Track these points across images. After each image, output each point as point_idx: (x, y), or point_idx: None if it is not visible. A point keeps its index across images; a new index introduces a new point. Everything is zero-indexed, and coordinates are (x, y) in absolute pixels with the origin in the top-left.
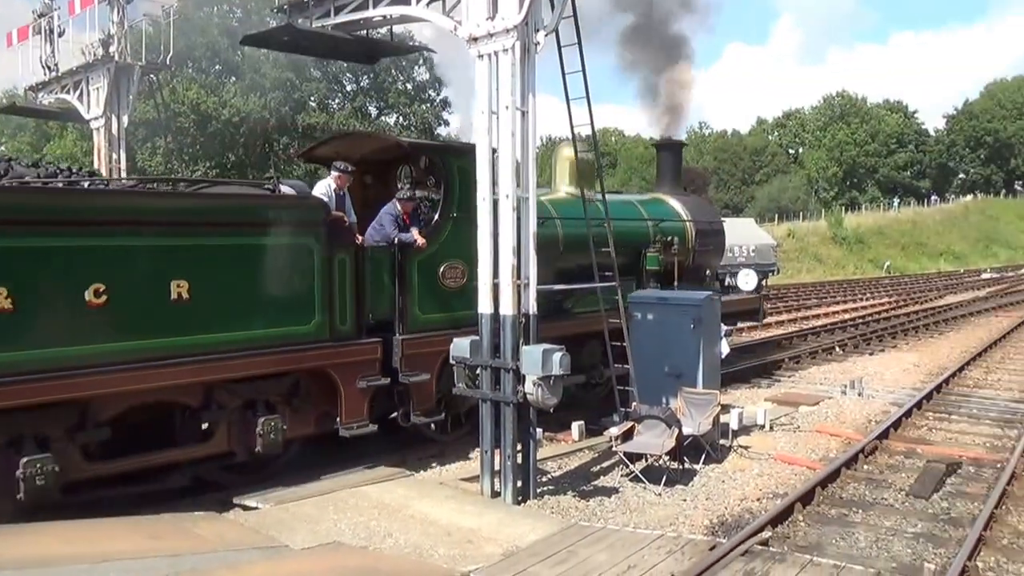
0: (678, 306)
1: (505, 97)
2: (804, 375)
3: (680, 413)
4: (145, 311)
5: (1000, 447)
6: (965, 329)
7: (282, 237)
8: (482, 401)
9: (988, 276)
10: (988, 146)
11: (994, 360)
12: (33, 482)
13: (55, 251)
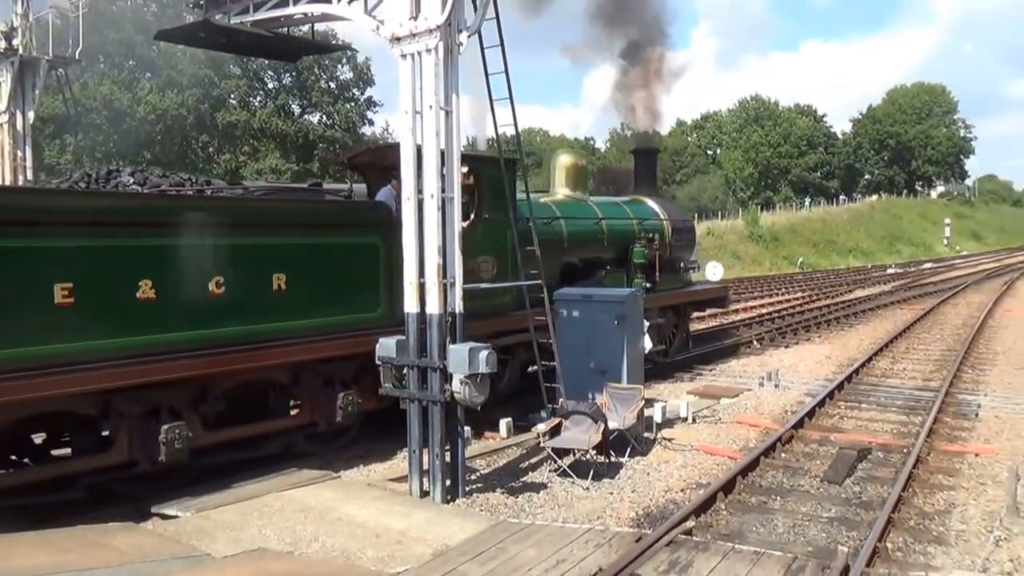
0: (602, 303)
1: (429, 97)
2: (724, 368)
3: (606, 408)
4: (256, 300)
5: (906, 433)
6: (873, 322)
7: (356, 236)
8: (409, 401)
9: (893, 271)
10: (891, 148)
11: (899, 351)
12: (172, 446)
13: (193, 248)
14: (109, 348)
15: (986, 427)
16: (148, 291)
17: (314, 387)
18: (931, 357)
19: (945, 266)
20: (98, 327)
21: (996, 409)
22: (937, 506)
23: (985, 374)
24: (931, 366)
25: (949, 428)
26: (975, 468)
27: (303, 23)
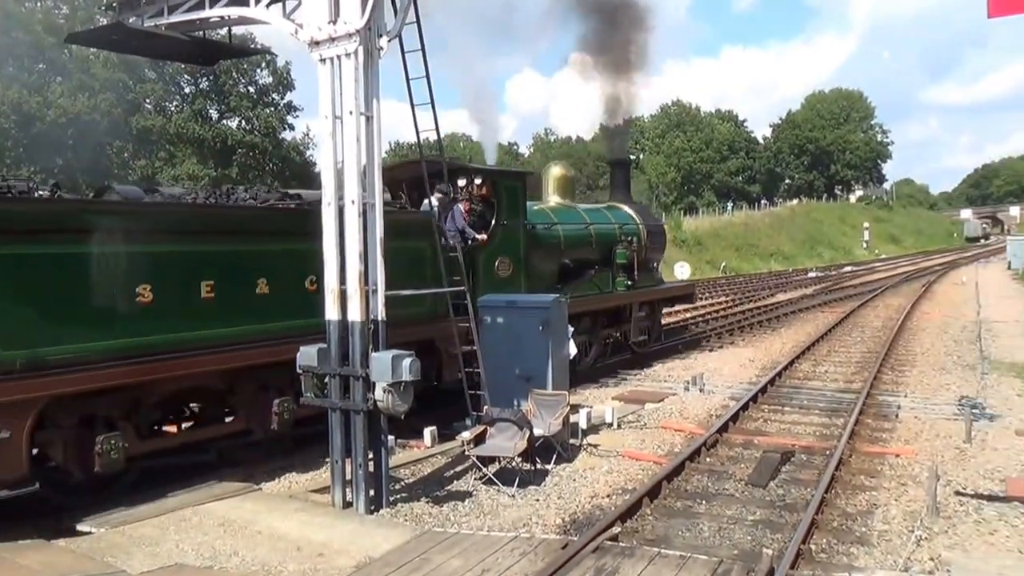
0: (526, 309)
1: (349, 102)
2: (649, 373)
3: (531, 415)
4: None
5: (829, 435)
6: (795, 325)
7: (414, 240)
8: (331, 410)
9: (814, 275)
10: (811, 153)
11: (821, 354)
12: (283, 417)
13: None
14: (233, 335)
15: (906, 428)
16: (263, 287)
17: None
18: (852, 359)
19: (865, 269)
20: (229, 317)
21: (915, 410)
22: (859, 507)
23: (904, 375)
24: (852, 368)
25: (870, 430)
26: (896, 469)
27: (220, 26)
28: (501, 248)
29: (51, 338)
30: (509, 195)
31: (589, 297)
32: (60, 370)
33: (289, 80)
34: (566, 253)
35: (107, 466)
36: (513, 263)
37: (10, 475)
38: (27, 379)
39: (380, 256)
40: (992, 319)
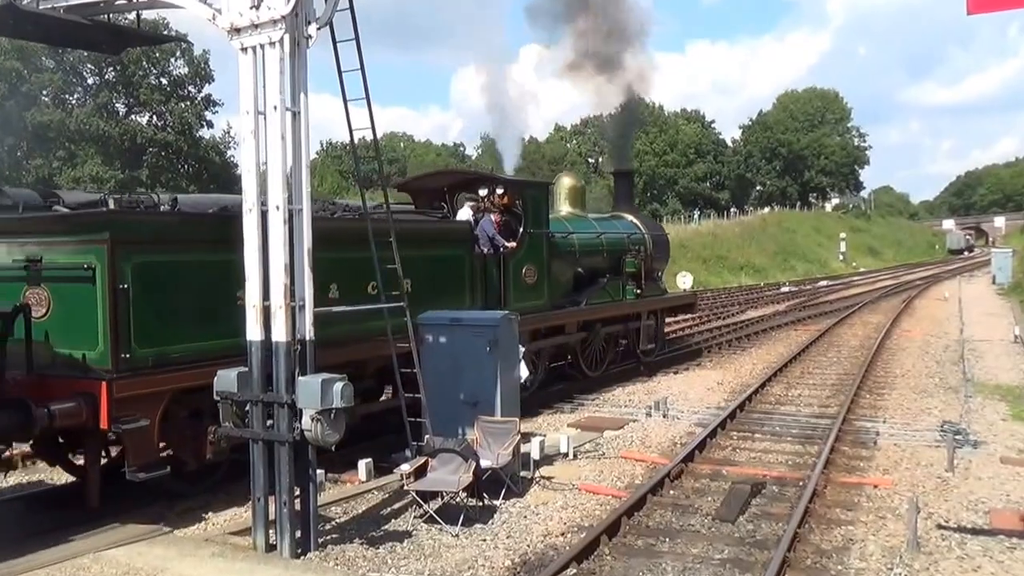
0: (472, 327)
1: (273, 96)
2: (608, 397)
3: (477, 444)
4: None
5: (802, 464)
6: (766, 344)
7: (453, 249)
8: (253, 442)
9: (787, 290)
10: (783, 158)
11: (794, 375)
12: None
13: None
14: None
15: (885, 456)
16: (334, 292)
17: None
18: (827, 382)
19: (841, 284)
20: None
21: (895, 437)
22: (835, 543)
23: (884, 399)
24: (827, 391)
25: (847, 458)
26: (874, 501)
27: (128, 9)
28: (527, 256)
29: (175, 337)
30: (534, 204)
31: (605, 305)
32: (184, 366)
33: (207, 71)
34: (580, 262)
35: (217, 454)
36: (537, 271)
37: (146, 460)
38: (158, 374)
39: (308, 268)
40: (976, 337)
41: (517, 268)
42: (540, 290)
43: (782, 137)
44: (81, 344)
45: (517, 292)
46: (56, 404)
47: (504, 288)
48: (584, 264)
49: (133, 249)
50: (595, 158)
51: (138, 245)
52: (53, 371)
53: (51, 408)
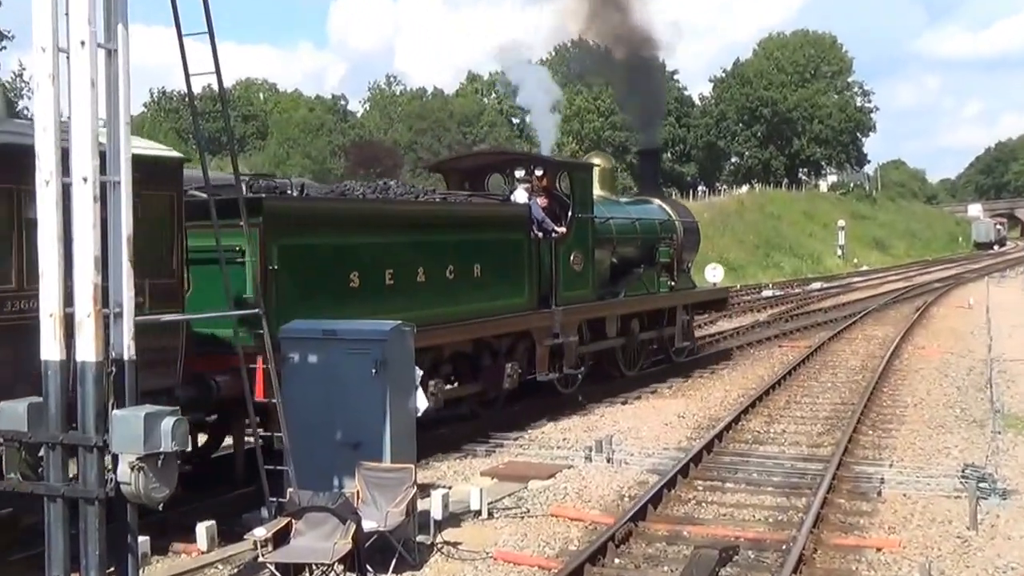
0: (353, 342)
1: (79, 27)
2: (535, 436)
3: (359, 500)
4: (468, 285)
5: (785, 522)
6: (742, 365)
7: (511, 233)
8: (49, 499)
9: (770, 294)
10: (765, 121)
11: (777, 405)
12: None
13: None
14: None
15: (891, 510)
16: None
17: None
18: (820, 414)
19: (839, 286)
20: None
21: (904, 485)
22: None
23: (890, 436)
24: (819, 426)
25: (842, 513)
26: (877, 569)
27: None
28: (575, 242)
29: (315, 317)
30: (581, 187)
31: (643, 297)
32: None
33: None
34: (617, 250)
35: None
36: (584, 258)
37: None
38: None
39: (128, 262)
40: (1008, 356)
41: (566, 255)
42: (586, 278)
43: (764, 95)
44: (229, 322)
45: (566, 280)
46: (220, 377)
47: (554, 276)
48: (620, 252)
49: (282, 233)
50: (521, 119)
51: (286, 229)
52: (205, 348)
53: (217, 380)
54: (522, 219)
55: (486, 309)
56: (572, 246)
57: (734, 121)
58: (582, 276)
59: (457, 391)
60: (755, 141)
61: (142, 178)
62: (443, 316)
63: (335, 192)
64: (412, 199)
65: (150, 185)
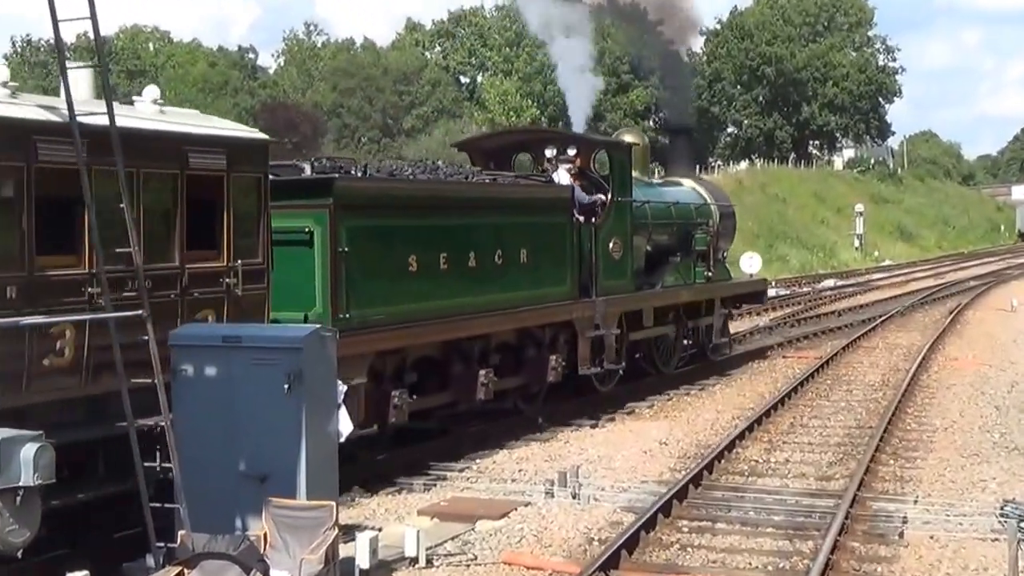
0: (260, 351)
1: None
2: (485, 465)
3: (267, 545)
4: (515, 271)
5: (789, 571)
6: (738, 380)
7: (554, 216)
8: None
9: (773, 294)
10: (769, 84)
11: (780, 429)
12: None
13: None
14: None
15: (914, 556)
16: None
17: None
18: (831, 439)
19: (856, 285)
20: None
21: (931, 525)
22: None
23: (915, 466)
24: (830, 455)
25: (857, 559)
26: None
27: None
28: (615, 228)
29: (381, 299)
30: (620, 168)
31: (678, 289)
32: (385, 328)
33: None
34: (652, 237)
35: (399, 418)
36: (623, 245)
37: (358, 419)
38: (366, 335)
39: None
40: None
41: (606, 240)
42: (624, 267)
43: (767, 51)
44: (295, 305)
45: (606, 268)
46: None
47: (594, 263)
48: (655, 239)
49: (351, 214)
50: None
51: (355, 210)
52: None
53: None
54: (565, 202)
55: (532, 297)
56: (611, 232)
57: (731, 83)
58: (621, 265)
59: (503, 384)
60: (756, 107)
61: (232, 160)
62: (493, 304)
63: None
64: (463, 180)
65: (239, 167)
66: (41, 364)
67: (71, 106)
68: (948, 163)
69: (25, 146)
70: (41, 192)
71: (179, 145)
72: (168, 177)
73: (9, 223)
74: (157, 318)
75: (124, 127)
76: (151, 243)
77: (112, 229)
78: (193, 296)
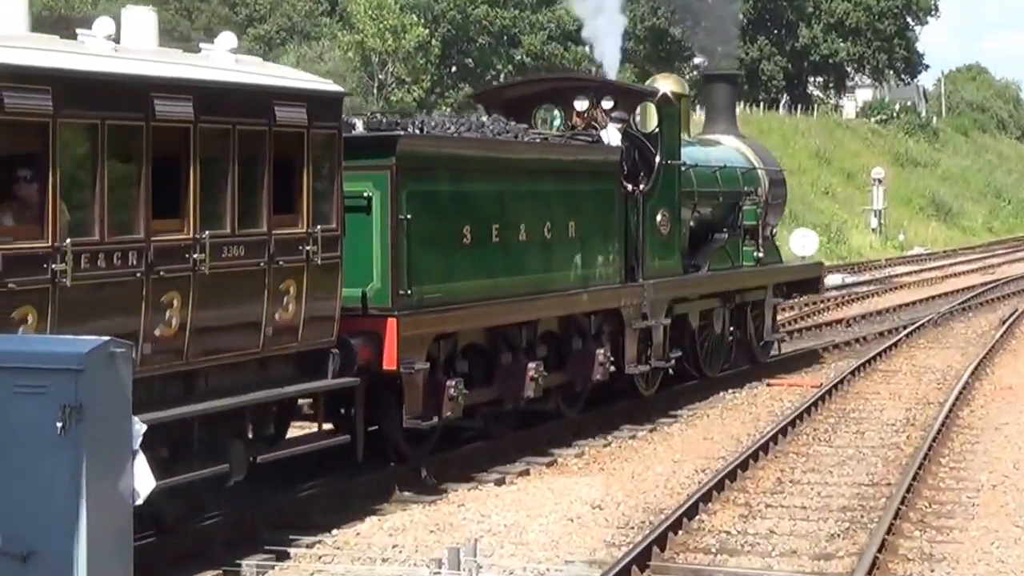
0: (23, 373)
1: None
2: (346, 538)
3: None
4: (563, 247)
5: None
6: (704, 416)
7: (600, 183)
8: None
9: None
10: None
11: (762, 487)
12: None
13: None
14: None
15: None
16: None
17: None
18: (832, 502)
19: (873, 283)
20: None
21: None
22: None
23: (950, 539)
24: (832, 523)
25: None
26: None
27: None
28: (662, 198)
29: (445, 275)
30: (669, 124)
31: (728, 273)
32: (447, 307)
33: None
34: (697, 209)
35: (455, 411)
36: (671, 219)
37: (422, 407)
38: (429, 314)
39: None
40: None
41: (652, 213)
42: (672, 246)
43: None
44: (350, 281)
45: (653, 246)
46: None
47: (641, 240)
48: (700, 212)
49: (414, 177)
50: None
51: (418, 173)
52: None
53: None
54: (615, 166)
55: (579, 278)
56: (659, 203)
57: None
58: (669, 243)
59: (550, 380)
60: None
61: (311, 115)
62: (543, 284)
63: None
64: (514, 140)
65: (318, 123)
66: None
67: None
68: (1003, 110)
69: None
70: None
71: (269, 99)
72: (258, 135)
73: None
74: (246, 290)
75: (218, 81)
76: (242, 207)
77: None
78: (279, 265)
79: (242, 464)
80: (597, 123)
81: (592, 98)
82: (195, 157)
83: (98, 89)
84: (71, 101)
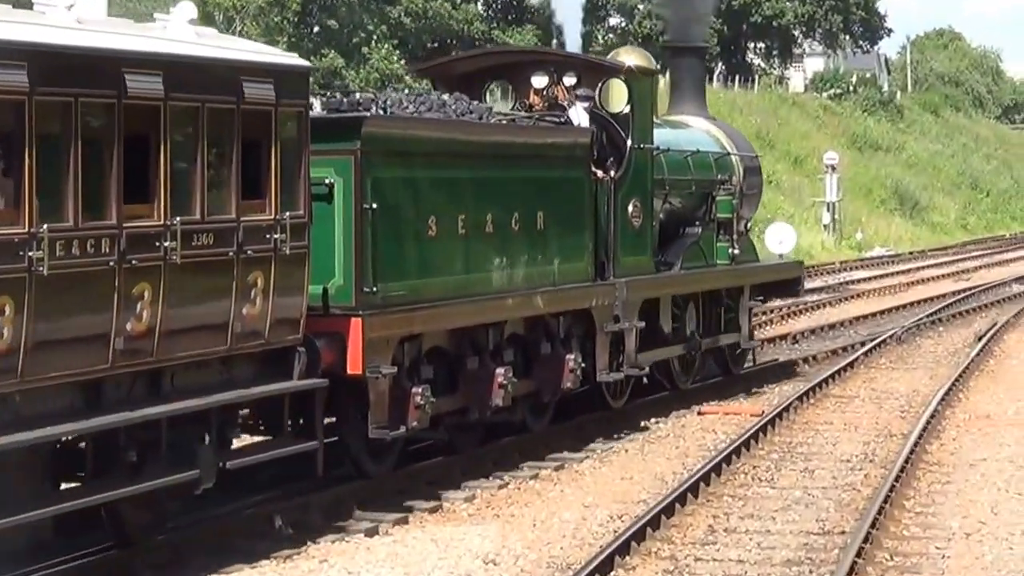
0: None
1: None
2: None
3: None
4: (530, 240)
5: None
6: (622, 451)
7: (568, 169)
8: None
9: None
10: None
11: (691, 537)
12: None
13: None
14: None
15: None
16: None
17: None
18: (775, 555)
19: (825, 290)
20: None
21: None
22: None
23: None
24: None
25: None
26: None
27: None
28: (633, 187)
29: (410, 272)
30: (640, 104)
31: (702, 272)
32: (414, 306)
33: None
34: (668, 199)
35: (421, 421)
36: (643, 210)
37: (387, 415)
38: (396, 314)
39: None
40: None
41: (624, 203)
42: (644, 239)
43: None
44: (311, 276)
45: (625, 240)
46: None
47: (612, 233)
48: (671, 203)
49: (379, 163)
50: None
51: (384, 158)
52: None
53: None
54: (585, 150)
55: (548, 275)
56: (630, 192)
57: None
58: (641, 237)
59: (518, 388)
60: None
61: (278, 92)
62: (509, 281)
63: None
64: (478, 120)
65: (285, 100)
66: None
67: None
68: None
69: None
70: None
71: (238, 75)
72: (227, 113)
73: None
74: (214, 283)
75: (188, 55)
76: (210, 191)
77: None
78: (247, 255)
79: (211, 470)
80: (557, 102)
81: (553, 74)
82: (165, 137)
83: (73, 65)
84: (47, 78)
